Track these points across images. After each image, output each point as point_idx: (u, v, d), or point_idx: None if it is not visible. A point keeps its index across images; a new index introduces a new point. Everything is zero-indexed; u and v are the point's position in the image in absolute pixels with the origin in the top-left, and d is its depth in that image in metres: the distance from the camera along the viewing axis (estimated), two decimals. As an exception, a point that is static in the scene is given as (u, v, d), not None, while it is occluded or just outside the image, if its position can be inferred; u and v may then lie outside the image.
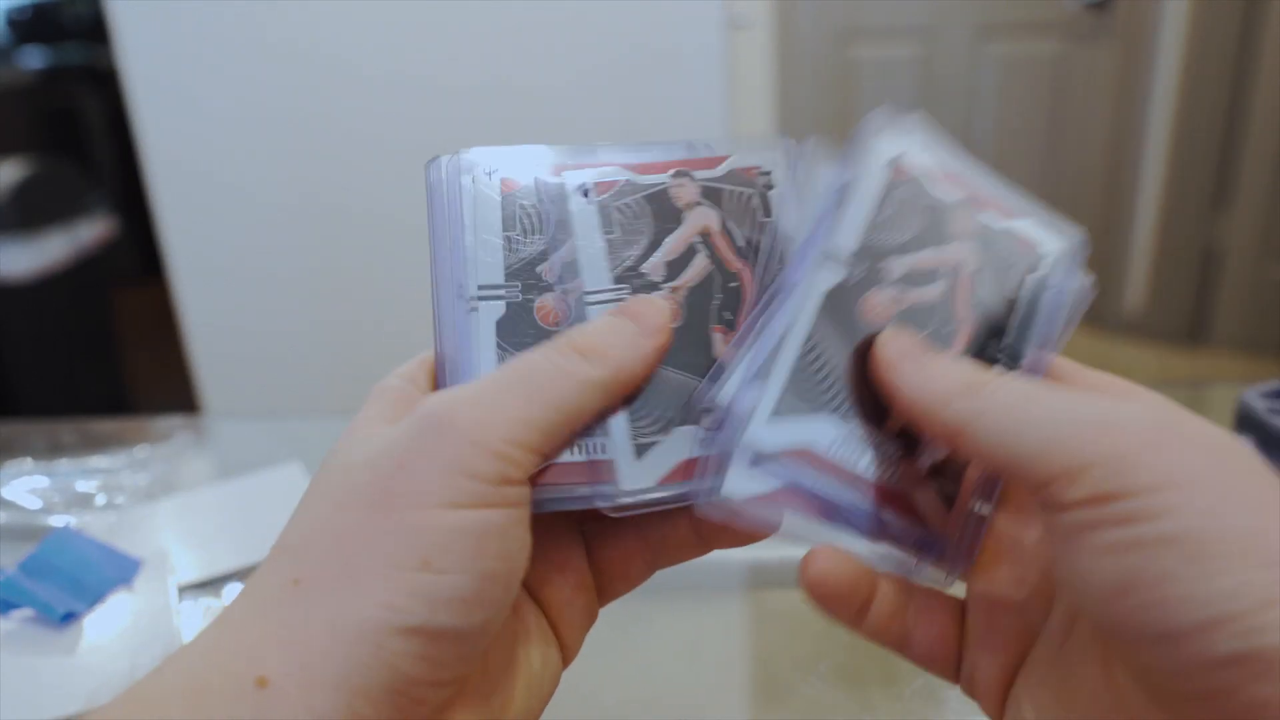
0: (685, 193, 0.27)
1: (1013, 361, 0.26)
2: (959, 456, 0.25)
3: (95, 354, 1.83)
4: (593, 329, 0.24)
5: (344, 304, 1.51)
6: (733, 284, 0.27)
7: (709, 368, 0.25)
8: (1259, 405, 0.51)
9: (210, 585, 0.50)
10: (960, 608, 0.26)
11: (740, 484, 0.24)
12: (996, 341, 0.26)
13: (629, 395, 0.25)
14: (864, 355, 0.25)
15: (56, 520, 0.57)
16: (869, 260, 0.26)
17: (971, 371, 0.23)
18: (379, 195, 1.45)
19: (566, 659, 0.27)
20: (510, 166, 0.27)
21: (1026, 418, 0.21)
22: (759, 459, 0.24)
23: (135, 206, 1.68)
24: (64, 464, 0.64)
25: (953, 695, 0.42)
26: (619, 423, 0.25)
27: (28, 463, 0.64)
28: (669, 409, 0.25)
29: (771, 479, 0.24)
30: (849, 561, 0.24)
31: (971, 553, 0.26)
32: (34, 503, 0.59)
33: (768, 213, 0.27)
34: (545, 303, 0.26)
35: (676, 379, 0.25)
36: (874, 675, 0.44)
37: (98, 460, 0.65)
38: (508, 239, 0.26)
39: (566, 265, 0.26)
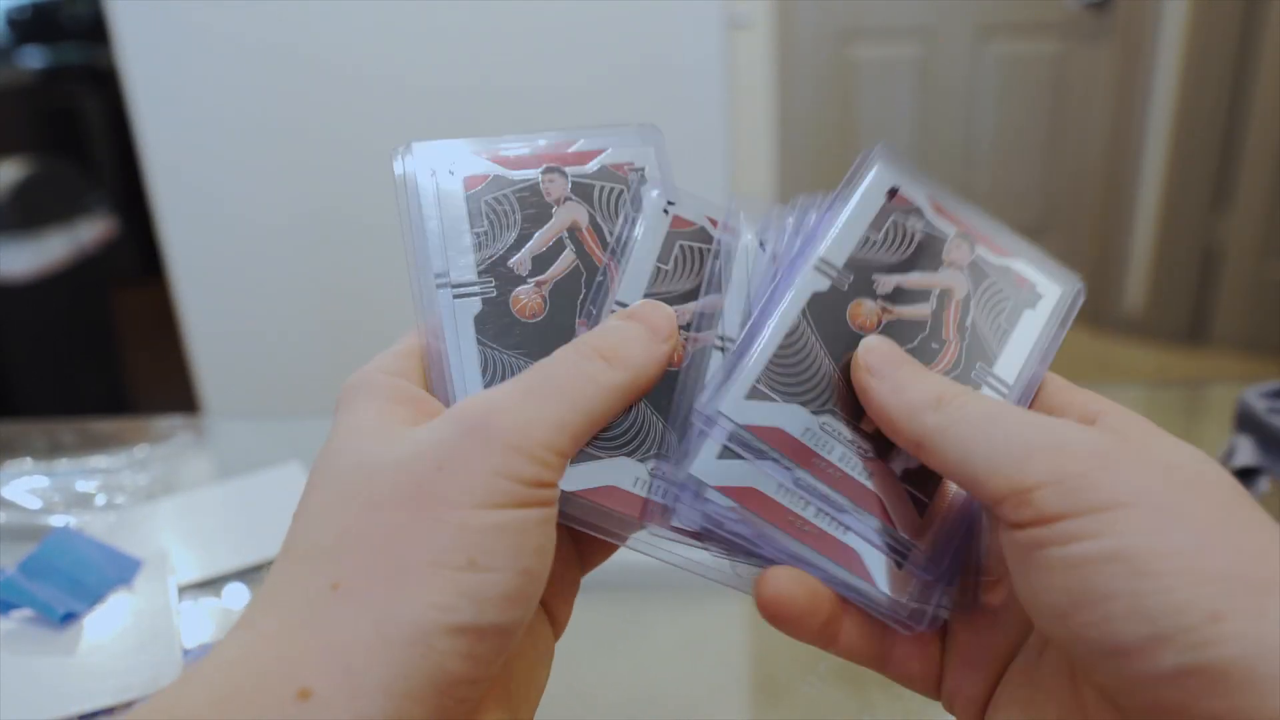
0: (555, 188, 0.28)
1: (999, 384, 0.27)
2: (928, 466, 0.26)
3: (95, 354, 1.83)
4: (611, 333, 0.25)
5: (344, 304, 1.51)
6: (600, 279, 0.27)
7: None
8: (1259, 405, 0.51)
9: (210, 585, 0.50)
10: (942, 626, 0.26)
11: (708, 463, 0.25)
12: (985, 366, 0.27)
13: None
14: (849, 357, 0.26)
15: (56, 520, 0.57)
16: (858, 272, 0.27)
17: (941, 385, 0.24)
18: (378, 196, 1.45)
19: (557, 632, 0.27)
20: (466, 163, 0.28)
21: (984, 436, 0.22)
22: (728, 432, 0.25)
23: (135, 206, 1.68)
24: (64, 464, 0.64)
25: (953, 695, 0.42)
26: None
27: (28, 463, 0.64)
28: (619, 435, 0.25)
29: (738, 464, 0.25)
30: (806, 581, 0.24)
31: (952, 579, 0.25)
32: (34, 503, 0.59)
33: (638, 208, 0.28)
34: (520, 296, 0.27)
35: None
36: (874, 675, 0.44)
37: (98, 460, 0.65)
38: (476, 235, 0.27)
39: (538, 256, 0.27)
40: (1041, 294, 0.28)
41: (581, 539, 0.28)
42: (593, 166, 0.28)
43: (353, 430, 0.23)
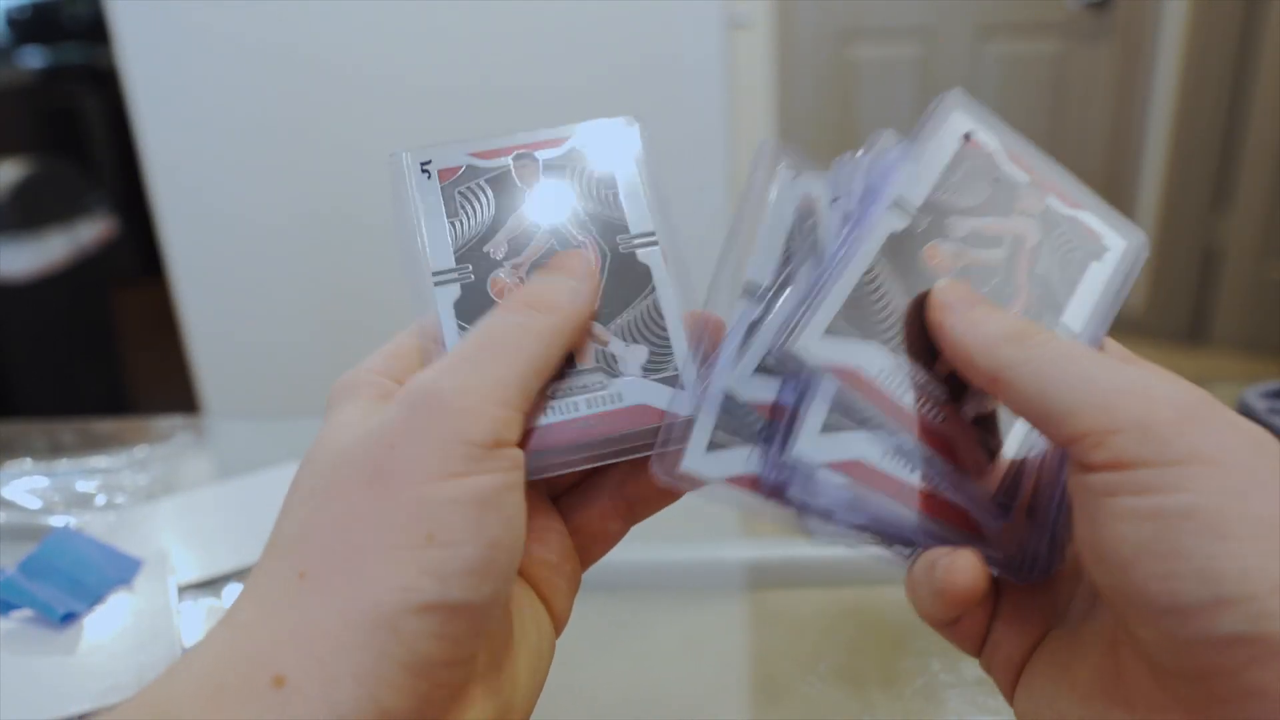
0: (527, 172, 0.28)
1: (1066, 334, 0.27)
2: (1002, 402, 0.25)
3: (95, 354, 1.83)
4: (536, 285, 0.26)
5: (344, 304, 1.51)
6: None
7: None
8: (1259, 405, 0.51)
9: (210, 585, 0.50)
10: (995, 585, 0.26)
11: (811, 440, 0.25)
12: (1053, 316, 0.27)
13: (582, 337, 0.26)
14: (923, 297, 0.26)
15: (56, 520, 0.57)
16: (934, 215, 0.27)
17: (1021, 322, 0.24)
18: (378, 196, 1.44)
19: (558, 628, 0.27)
20: (442, 157, 0.29)
21: (1065, 373, 0.22)
22: (801, 369, 0.25)
23: (135, 206, 1.68)
24: (64, 464, 0.64)
25: (953, 695, 0.42)
26: None
27: (28, 463, 0.64)
28: None
29: (840, 436, 0.25)
30: (985, 569, 0.23)
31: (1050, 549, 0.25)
32: (34, 503, 0.59)
33: (610, 186, 0.28)
34: (499, 278, 0.27)
35: None
36: (874, 675, 0.44)
37: (98, 460, 0.65)
38: (453, 224, 0.28)
39: (513, 239, 0.28)
40: (1108, 247, 0.28)
41: (579, 532, 0.28)
42: (564, 149, 0.29)
43: (333, 426, 0.23)
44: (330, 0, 1.35)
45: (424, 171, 0.28)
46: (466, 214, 0.28)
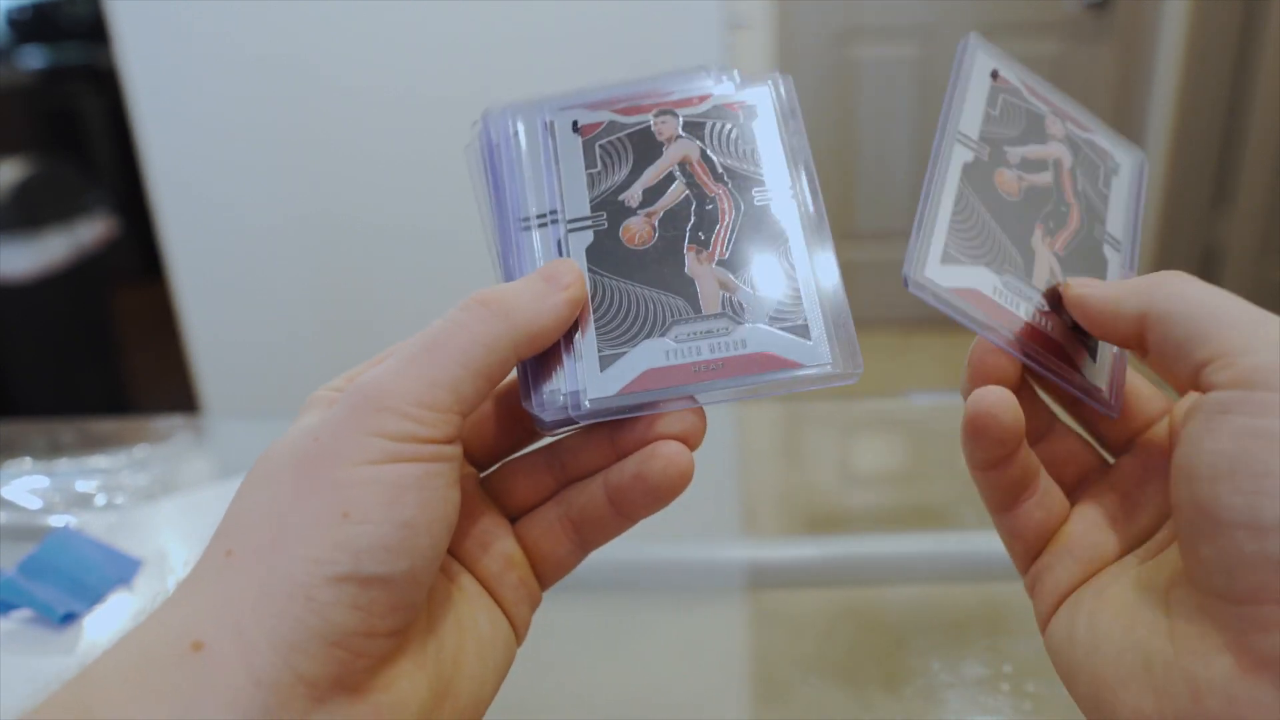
0: (666, 128, 0.30)
1: (1114, 240, 0.30)
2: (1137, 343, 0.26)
3: (95, 354, 1.83)
4: (504, 286, 0.26)
5: (344, 304, 1.51)
6: (709, 206, 0.29)
7: (679, 283, 0.28)
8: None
9: (210, 585, 0.50)
10: (1066, 511, 0.28)
11: (935, 268, 0.27)
12: (1101, 226, 0.30)
13: (544, 345, 0.26)
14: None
15: (56, 520, 0.57)
16: (991, 145, 0.30)
17: (1147, 275, 0.26)
18: (378, 195, 1.45)
19: (519, 635, 0.28)
20: (584, 115, 0.30)
21: (1204, 305, 0.24)
22: (936, 295, 0.27)
23: (135, 206, 1.68)
24: (64, 464, 0.64)
25: (953, 695, 0.42)
26: (588, 338, 0.27)
27: (28, 463, 0.64)
28: (635, 323, 0.27)
29: (956, 268, 0.28)
30: (1014, 401, 0.25)
31: (1119, 392, 0.28)
32: (34, 503, 0.59)
33: (749, 141, 0.30)
34: (630, 226, 0.28)
35: (645, 294, 0.27)
36: (874, 675, 0.44)
37: (98, 460, 0.65)
38: (590, 175, 0.29)
39: (648, 189, 0.29)
40: (1120, 162, 0.32)
41: (531, 552, 0.28)
42: (705, 106, 0.30)
43: (286, 434, 0.24)
44: (329, 2, 1.35)
45: (570, 128, 0.30)
46: (605, 166, 0.29)
